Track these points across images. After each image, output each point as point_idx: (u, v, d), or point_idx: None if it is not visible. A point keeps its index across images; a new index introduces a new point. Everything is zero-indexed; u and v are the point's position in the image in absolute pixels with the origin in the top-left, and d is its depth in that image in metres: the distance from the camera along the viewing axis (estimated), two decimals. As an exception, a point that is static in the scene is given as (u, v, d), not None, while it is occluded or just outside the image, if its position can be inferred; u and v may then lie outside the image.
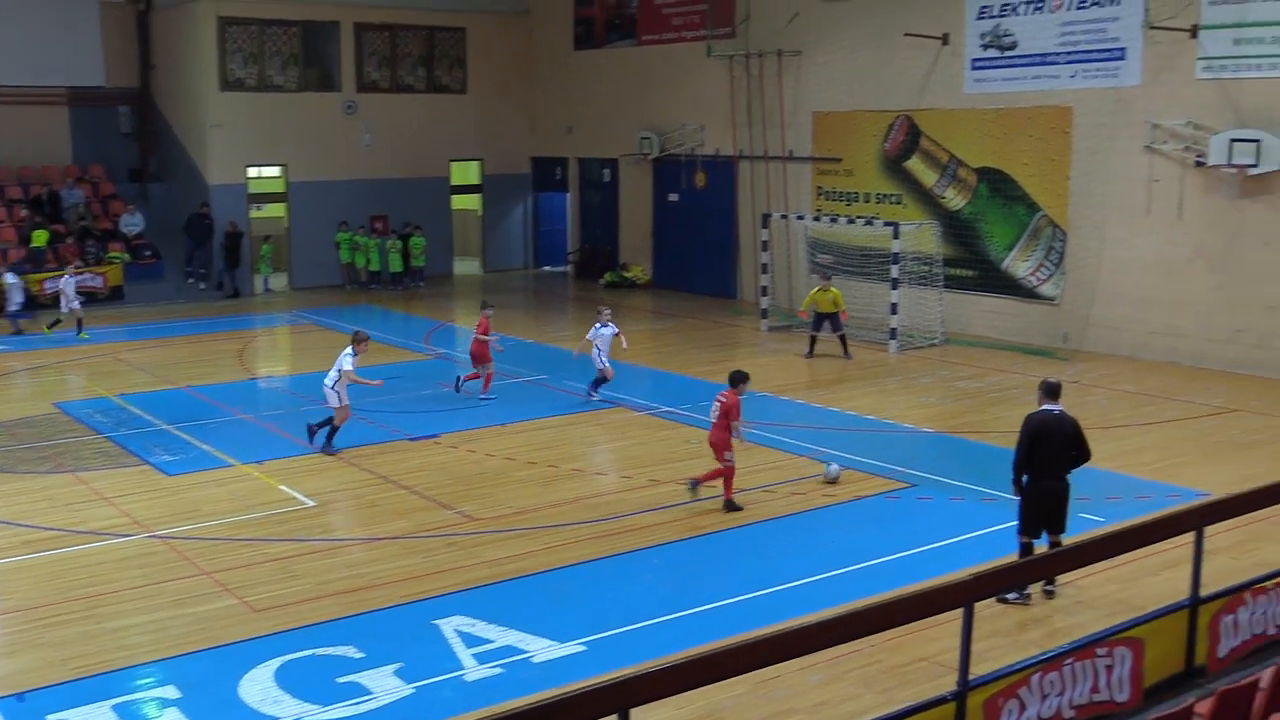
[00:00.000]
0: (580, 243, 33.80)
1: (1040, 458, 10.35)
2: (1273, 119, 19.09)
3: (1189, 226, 20.47)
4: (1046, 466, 10.36)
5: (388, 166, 32.13)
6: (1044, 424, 10.35)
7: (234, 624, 10.25)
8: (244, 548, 12.13)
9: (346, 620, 10.30)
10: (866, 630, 6.35)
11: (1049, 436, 10.32)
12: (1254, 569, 10.13)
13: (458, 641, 9.82)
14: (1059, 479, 10.41)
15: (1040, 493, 10.42)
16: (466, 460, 15.30)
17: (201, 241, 29.79)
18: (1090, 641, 7.20)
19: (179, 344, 23.75)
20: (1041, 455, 10.35)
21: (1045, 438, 10.32)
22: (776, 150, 27.37)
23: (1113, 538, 7.69)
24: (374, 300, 29.49)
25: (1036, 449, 10.35)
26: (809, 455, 15.23)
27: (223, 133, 29.92)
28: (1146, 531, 7.88)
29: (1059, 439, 10.31)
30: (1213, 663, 7.80)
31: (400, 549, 12.09)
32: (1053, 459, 10.35)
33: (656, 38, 30.27)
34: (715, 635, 9.41)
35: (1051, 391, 10.55)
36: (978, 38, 23.19)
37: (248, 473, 14.78)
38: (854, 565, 11.50)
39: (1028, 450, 10.37)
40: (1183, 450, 15.48)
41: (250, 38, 30.12)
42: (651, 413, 17.69)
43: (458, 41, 33.24)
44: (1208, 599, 7.81)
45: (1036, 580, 10.48)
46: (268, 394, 19.83)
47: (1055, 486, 10.41)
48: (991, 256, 23.49)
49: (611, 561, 11.68)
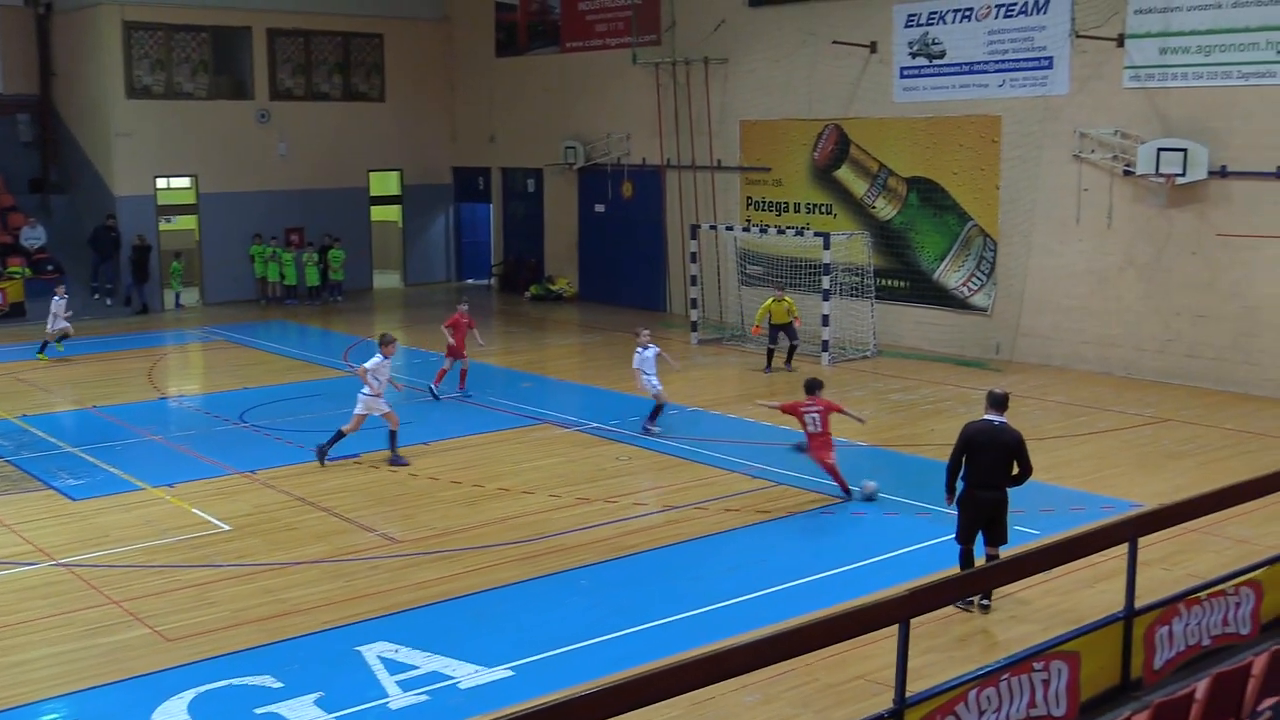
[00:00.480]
0: (504, 255, 33.73)
1: (974, 467, 10.57)
2: (1199, 128, 19.57)
3: (1118, 235, 20.91)
4: (980, 476, 10.57)
5: (303, 177, 31.85)
6: (980, 433, 10.58)
7: (146, 654, 10.06)
8: (156, 574, 11.93)
9: (265, 648, 10.16)
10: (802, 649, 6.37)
11: (983, 447, 10.52)
12: (1187, 580, 10.36)
13: (381, 669, 9.72)
14: (995, 489, 10.59)
15: (974, 502, 10.64)
16: (388, 480, 15.17)
17: (108, 255, 29.29)
18: (1027, 656, 7.29)
19: (84, 362, 23.33)
20: (975, 465, 10.56)
21: (979, 448, 10.53)
22: (704, 160, 27.54)
23: (1048, 550, 7.80)
24: (290, 316, 29.18)
25: (971, 458, 10.57)
26: (741, 471, 15.30)
27: (129, 142, 29.46)
28: (1081, 543, 7.99)
29: (995, 450, 10.51)
30: (1149, 675, 7.93)
31: (320, 573, 11.96)
32: (987, 469, 10.54)
33: (581, 44, 30.33)
34: (647, 657, 9.41)
35: (996, 402, 10.72)
36: (906, 46, 23.53)
37: (159, 496, 14.54)
38: (788, 582, 11.56)
39: (958, 458, 10.63)
40: (1116, 461, 15.78)
41: (157, 43, 29.71)
42: (579, 429, 17.67)
43: (375, 48, 33.06)
44: (1142, 611, 7.94)
45: (974, 594, 10.61)
46: (179, 414, 19.52)
47: (990, 497, 10.60)
48: (923, 267, 23.80)
49: (539, 583, 11.63)
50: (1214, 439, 16.75)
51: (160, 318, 29.08)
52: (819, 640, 6.40)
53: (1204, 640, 8.28)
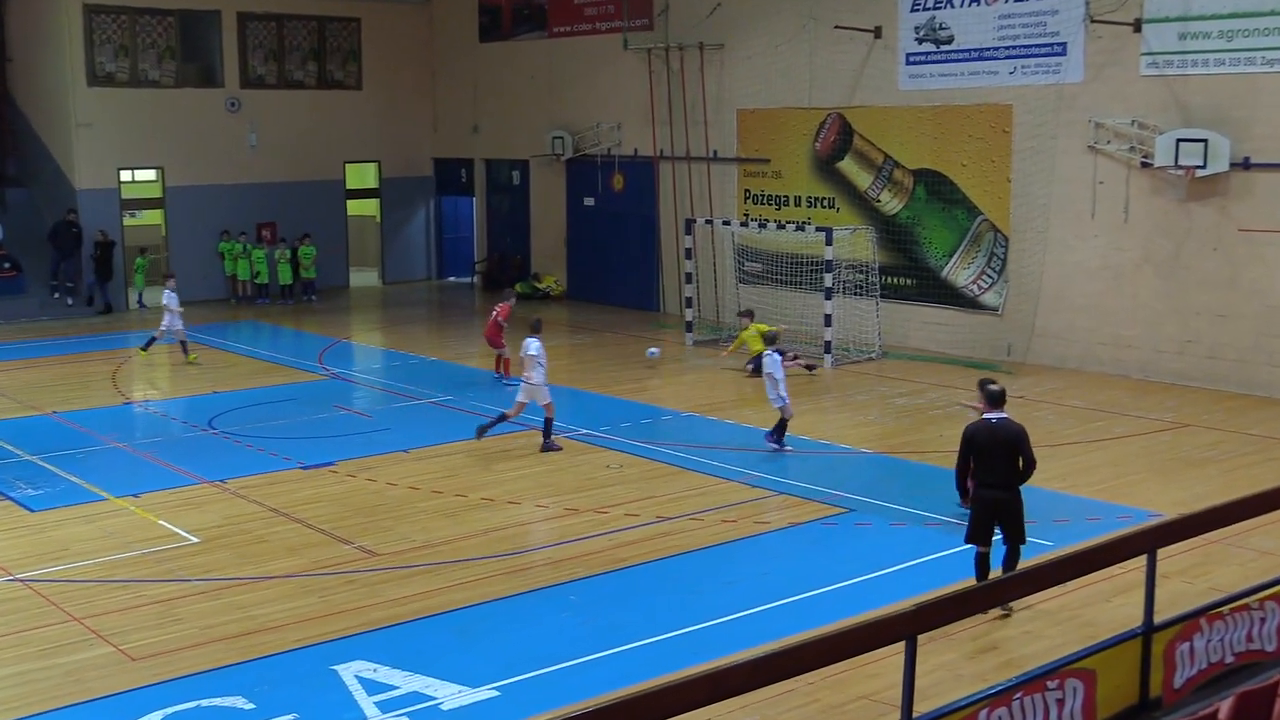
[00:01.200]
0: (488, 251, 33.72)
1: (980, 467, 10.94)
2: (1220, 118, 19.62)
3: (1135, 231, 20.95)
4: (986, 476, 10.90)
5: (276, 169, 31.81)
6: (979, 432, 10.93)
7: (110, 674, 10.04)
8: (120, 590, 11.91)
9: (235, 667, 10.14)
10: (803, 667, 6.37)
11: (985, 445, 10.84)
12: (1209, 594, 10.37)
13: (359, 689, 9.71)
14: (1004, 489, 10.82)
15: (984, 502, 10.91)
16: (366, 490, 15.16)
17: (69, 252, 29.23)
18: (1040, 674, 7.30)
19: (44, 365, 23.29)
20: (980, 465, 10.92)
21: (981, 447, 10.87)
22: (700, 151, 27.55)
23: (1062, 562, 7.81)
24: (261, 316, 29.15)
25: (976, 458, 10.94)
26: (740, 480, 15.31)
27: (91, 132, 29.40)
28: (1098, 555, 8.00)
29: (996, 448, 10.77)
30: (1169, 694, 7.94)
31: (294, 588, 11.94)
32: (991, 468, 10.84)
33: (569, 29, 30.33)
34: (640, 676, 9.41)
35: (992, 399, 11.01)
36: (912, 31, 23.56)
37: (123, 507, 14.52)
38: (789, 598, 11.56)
39: (965, 459, 11.07)
40: (1133, 468, 15.81)
41: (121, 28, 29.66)
42: (567, 435, 17.67)
43: (351, 33, 33.04)
44: (1162, 626, 7.94)
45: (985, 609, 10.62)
46: (144, 420, 19.49)
47: (999, 496, 10.83)
48: (930, 264, 23.84)
49: (526, 598, 11.62)
50: (1237, 445, 16.78)
51: (124, 318, 29.02)
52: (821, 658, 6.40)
53: (1227, 657, 8.29)
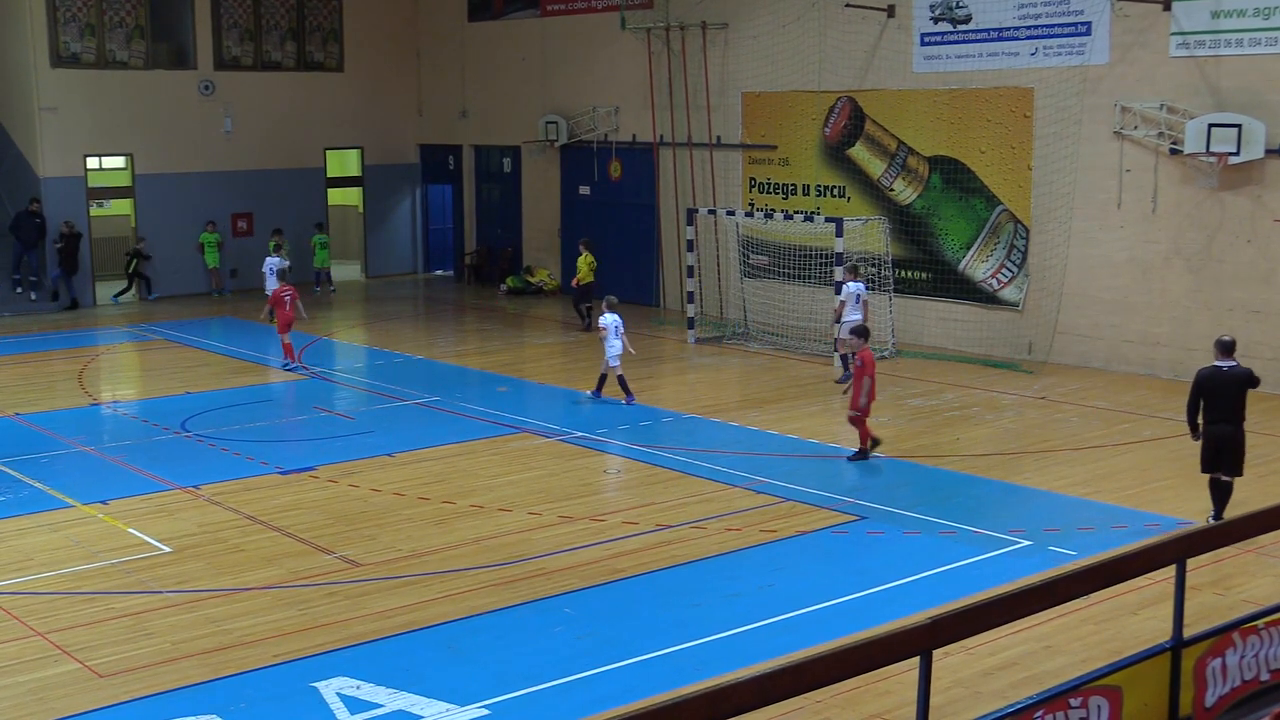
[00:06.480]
0: (477, 243, 33.74)
1: (1208, 406, 13.30)
2: (1255, 102, 19.63)
3: (1164, 222, 20.97)
4: (1213, 414, 13.28)
5: (253, 156, 31.84)
6: (1209, 379, 13.31)
7: (75, 692, 10.05)
8: (86, 603, 11.91)
9: (210, 684, 10.15)
10: (811, 685, 6.39)
11: (1214, 389, 13.24)
12: (1242, 606, 10.39)
13: (340, 707, 9.73)
14: (1226, 424, 13.19)
15: (1210, 436, 13.30)
16: (348, 496, 15.17)
17: (32, 244, 29.25)
18: (1063, 691, 7.32)
19: (6, 364, 23.28)
20: (1209, 404, 13.29)
21: (1210, 391, 13.27)
22: (702, 136, 27.57)
23: (1086, 573, 7.82)
24: (238, 311, 29.14)
25: (1206, 399, 13.30)
26: (744, 486, 15.33)
27: (55, 117, 29.39)
28: (1124, 565, 8.02)
29: (1226, 389, 13.19)
30: (1199, 713, 7.96)
31: (272, 600, 11.96)
32: (1218, 407, 13.24)
33: (563, 7, 30.35)
34: (637, 694, 9.44)
35: (1225, 348, 13.33)
36: (928, 10, 23.57)
37: (90, 515, 14.52)
38: (796, 611, 11.57)
39: (1196, 400, 13.38)
40: (1162, 474, 15.81)
41: (87, 6, 29.65)
42: (561, 439, 17.68)
43: (332, 11, 33.06)
44: (1192, 641, 7.97)
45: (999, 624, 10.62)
46: (113, 422, 19.50)
47: (1224, 430, 13.20)
48: (947, 257, 23.86)
49: (518, 611, 11.63)
50: (1272, 449, 16.77)
51: (92, 314, 29.02)
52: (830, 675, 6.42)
53: (1262, 674, 8.31)
